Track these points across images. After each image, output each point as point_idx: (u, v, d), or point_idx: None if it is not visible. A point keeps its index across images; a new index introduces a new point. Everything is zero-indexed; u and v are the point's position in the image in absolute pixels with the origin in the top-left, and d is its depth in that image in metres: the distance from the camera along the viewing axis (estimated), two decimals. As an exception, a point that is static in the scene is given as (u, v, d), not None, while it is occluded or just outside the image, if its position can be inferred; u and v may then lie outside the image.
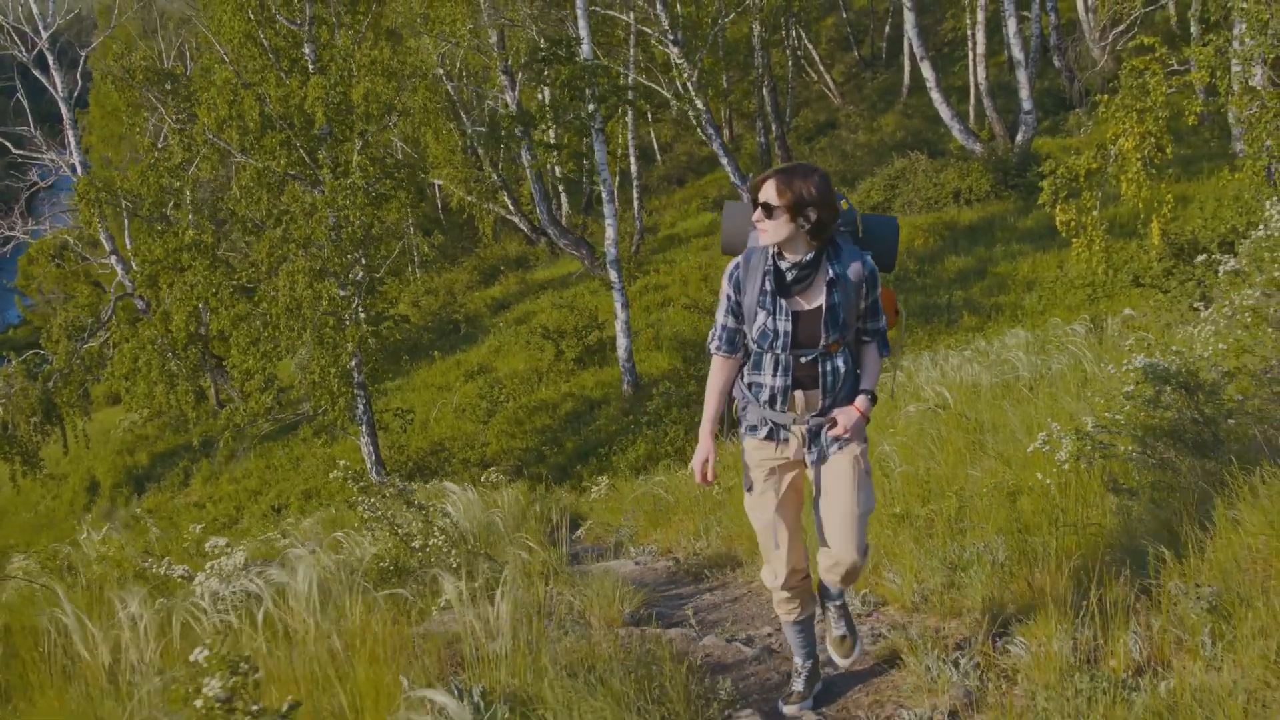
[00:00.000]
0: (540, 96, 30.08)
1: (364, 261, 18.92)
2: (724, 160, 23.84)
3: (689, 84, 23.80)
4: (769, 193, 4.47)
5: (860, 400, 4.73)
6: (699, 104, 23.98)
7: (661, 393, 21.76)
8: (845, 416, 4.67)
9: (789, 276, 4.58)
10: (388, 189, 19.10)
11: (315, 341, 18.12)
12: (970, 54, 34.19)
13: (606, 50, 29.28)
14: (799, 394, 4.68)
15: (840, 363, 4.68)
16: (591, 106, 22.11)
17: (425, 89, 25.34)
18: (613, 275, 22.45)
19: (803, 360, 4.64)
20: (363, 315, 18.96)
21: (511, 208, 33.43)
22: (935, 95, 28.00)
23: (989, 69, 32.84)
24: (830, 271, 4.59)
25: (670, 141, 47.27)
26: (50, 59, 29.79)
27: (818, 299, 4.59)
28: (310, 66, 19.34)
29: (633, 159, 34.68)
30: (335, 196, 17.96)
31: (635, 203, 34.62)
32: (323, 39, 19.81)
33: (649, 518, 10.30)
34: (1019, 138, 27.73)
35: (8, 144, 32.30)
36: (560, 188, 38.73)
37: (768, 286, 4.60)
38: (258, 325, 18.87)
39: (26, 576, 8.60)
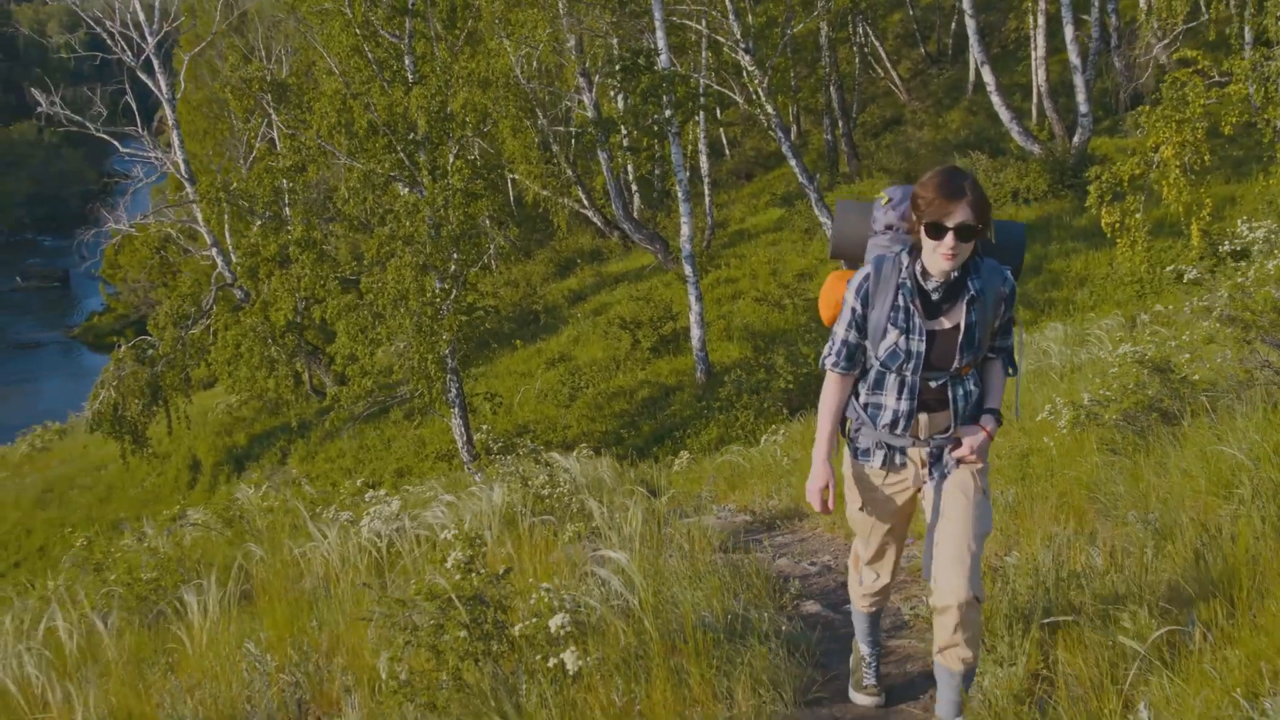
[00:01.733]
0: (616, 100, 31.55)
1: (458, 256, 20.52)
2: (792, 162, 25.22)
3: (760, 90, 25.19)
4: (965, 213, 4.02)
5: (987, 420, 4.41)
6: (769, 108, 25.36)
7: (733, 380, 23.20)
8: (971, 437, 4.36)
9: (934, 295, 4.22)
10: (479, 189, 20.74)
11: (415, 330, 19.75)
12: (1032, 55, 35.13)
13: (680, 52, 30.64)
14: (924, 417, 4.39)
15: (971, 385, 4.36)
16: (668, 113, 23.66)
17: (504, 89, 26.89)
18: (688, 270, 23.98)
19: (932, 384, 4.32)
20: (456, 306, 20.57)
21: (585, 202, 34.86)
22: (995, 98, 29.11)
23: (1050, 69, 33.80)
24: (971, 288, 4.21)
25: (739, 136, 48.17)
26: (155, 63, 31.70)
27: (956, 318, 4.24)
28: (410, 77, 21.00)
29: (703, 155, 35.96)
30: (435, 197, 19.62)
31: (706, 198, 35.88)
32: (419, 51, 21.50)
33: (727, 482, 11.83)
34: (1076, 139, 28.76)
35: (115, 142, 34.24)
36: (633, 183, 40.02)
37: (901, 303, 4.25)
38: (366, 315, 20.54)
39: (207, 525, 10.33)
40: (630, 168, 35.90)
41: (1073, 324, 15.56)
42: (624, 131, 28.06)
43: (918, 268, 4.23)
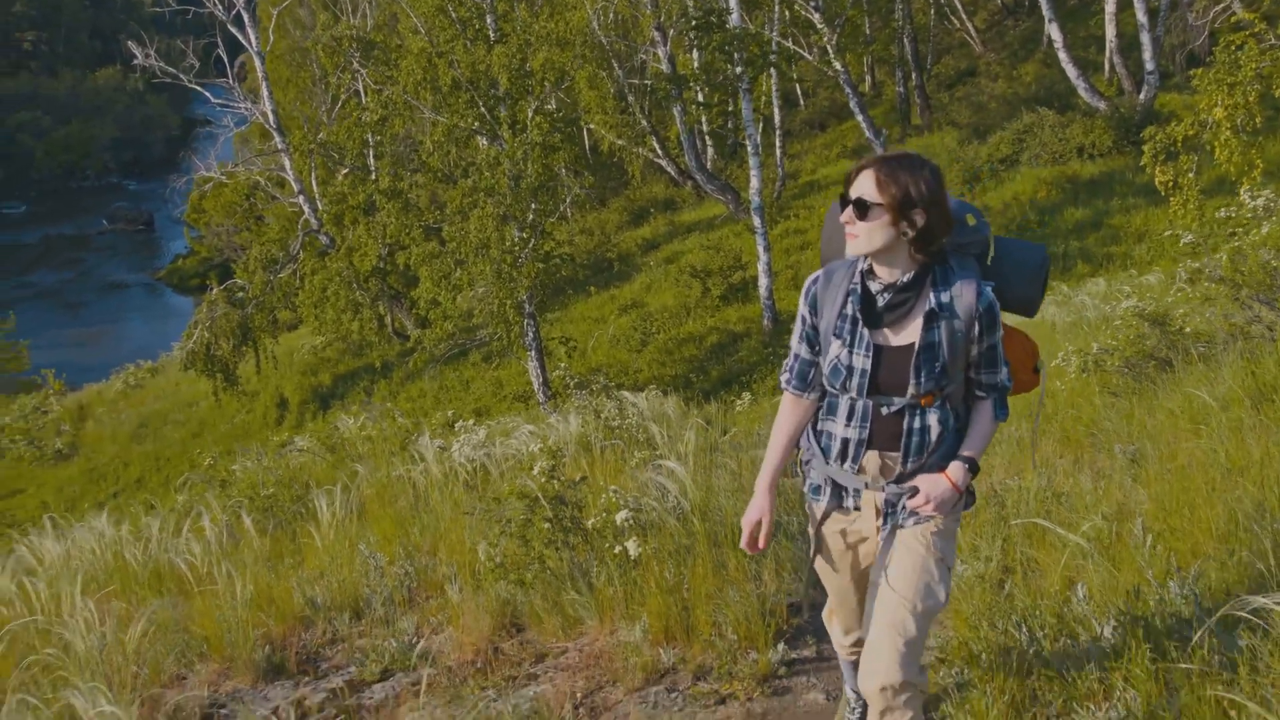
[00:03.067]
0: (691, 54, 32.33)
1: (536, 207, 21.57)
2: (860, 117, 26.00)
3: (829, 46, 25.95)
4: (865, 185, 3.61)
5: (954, 468, 3.76)
6: (838, 65, 26.13)
7: (798, 327, 24.06)
8: (931, 485, 3.74)
9: (880, 301, 3.73)
10: (557, 142, 21.76)
11: (494, 276, 20.85)
12: (1105, 9, 35.37)
13: (755, 6, 31.32)
14: (873, 454, 3.83)
15: (934, 421, 3.76)
16: (739, 69, 24.52)
17: (582, 46, 27.80)
18: (756, 221, 24.91)
19: (884, 411, 3.78)
20: (534, 254, 21.65)
21: (659, 152, 35.61)
22: (1062, 54, 29.55)
23: (1121, 24, 34.04)
24: (932, 300, 3.69)
25: (813, 87, 48.49)
26: (246, 17, 32.86)
27: (909, 334, 3.72)
28: (491, 36, 22.02)
29: (775, 107, 36.50)
30: (514, 150, 20.69)
31: (778, 149, 36.53)
32: (500, 11, 22.50)
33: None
34: (1142, 96, 29.18)
35: (206, 93, 35.52)
36: (707, 134, 40.66)
37: (849, 310, 3.77)
38: (448, 262, 21.70)
39: (312, 450, 11.54)
40: (704, 120, 36.63)
41: (1116, 279, 16.32)
42: (696, 88, 28.91)
43: (864, 265, 3.78)
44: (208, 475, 10.54)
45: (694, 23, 25.81)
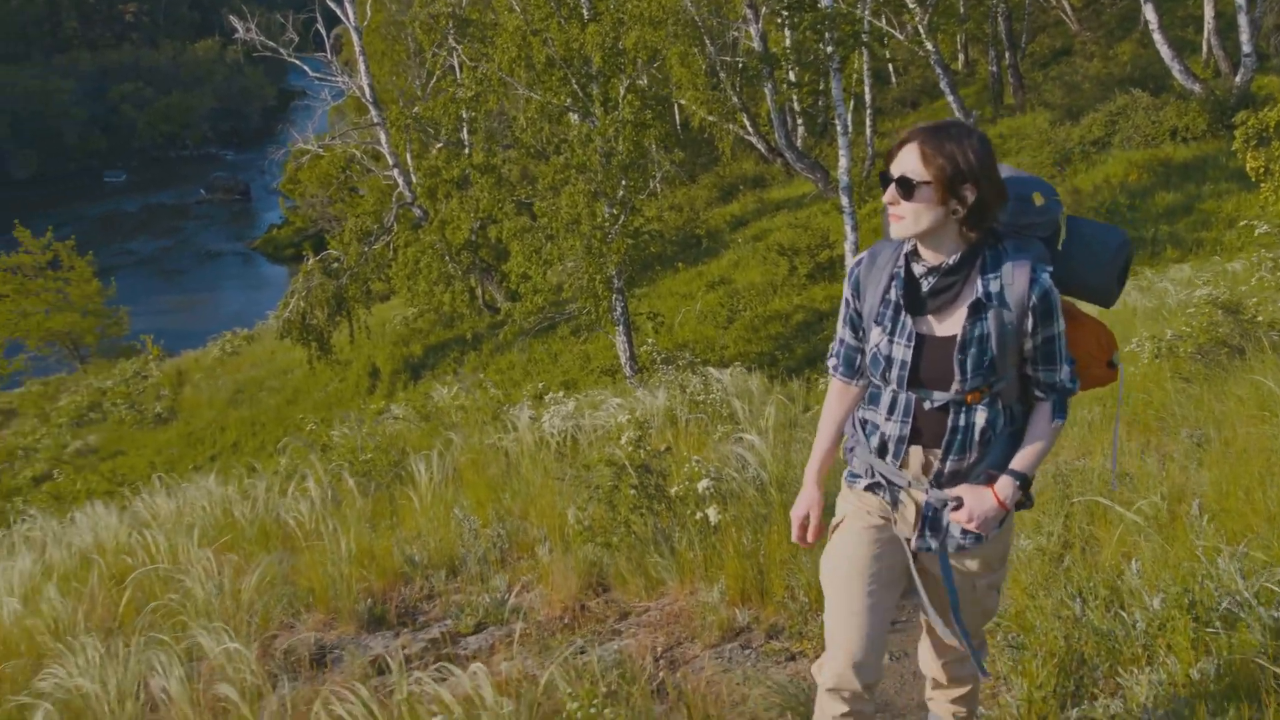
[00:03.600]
0: (784, 31, 32.44)
1: (626, 184, 21.90)
2: (950, 97, 26.03)
3: (921, 26, 26.01)
4: (909, 161, 3.34)
5: (1003, 485, 3.47)
6: (929, 45, 26.16)
7: (884, 307, 24.22)
8: (975, 501, 3.47)
9: (924, 286, 3.47)
10: (648, 119, 22.07)
11: (584, 252, 21.23)
12: (1203, -9, 34.95)
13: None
14: (916, 450, 3.56)
15: (983, 419, 3.47)
16: (830, 49, 24.66)
17: (674, 25, 28.02)
18: (844, 201, 25.04)
19: (926, 406, 3.51)
20: (624, 230, 21.99)
21: (750, 128, 35.76)
22: (1157, 35, 29.29)
23: (1219, 5, 33.62)
24: (979, 287, 3.40)
25: (905, 64, 48.26)
26: (345, -9, 33.49)
27: (953, 325, 3.44)
28: (585, 14, 22.34)
29: (867, 85, 36.50)
30: (606, 128, 21.04)
31: (868, 128, 36.55)
32: (595, -12, 22.87)
33: (866, 399, 13.10)
34: (1238, 79, 28.85)
35: (305, 67, 36.21)
36: (797, 112, 40.72)
37: (892, 295, 3.54)
38: (539, 237, 22.12)
39: (407, 418, 12.00)
40: (795, 98, 36.74)
41: (1203, 265, 16.35)
42: (786, 67, 29.06)
43: (909, 246, 3.52)
44: (309, 439, 11.04)
45: (786, 1, 25.93)
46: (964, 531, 3.57)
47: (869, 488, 3.69)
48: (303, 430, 11.43)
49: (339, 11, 33.28)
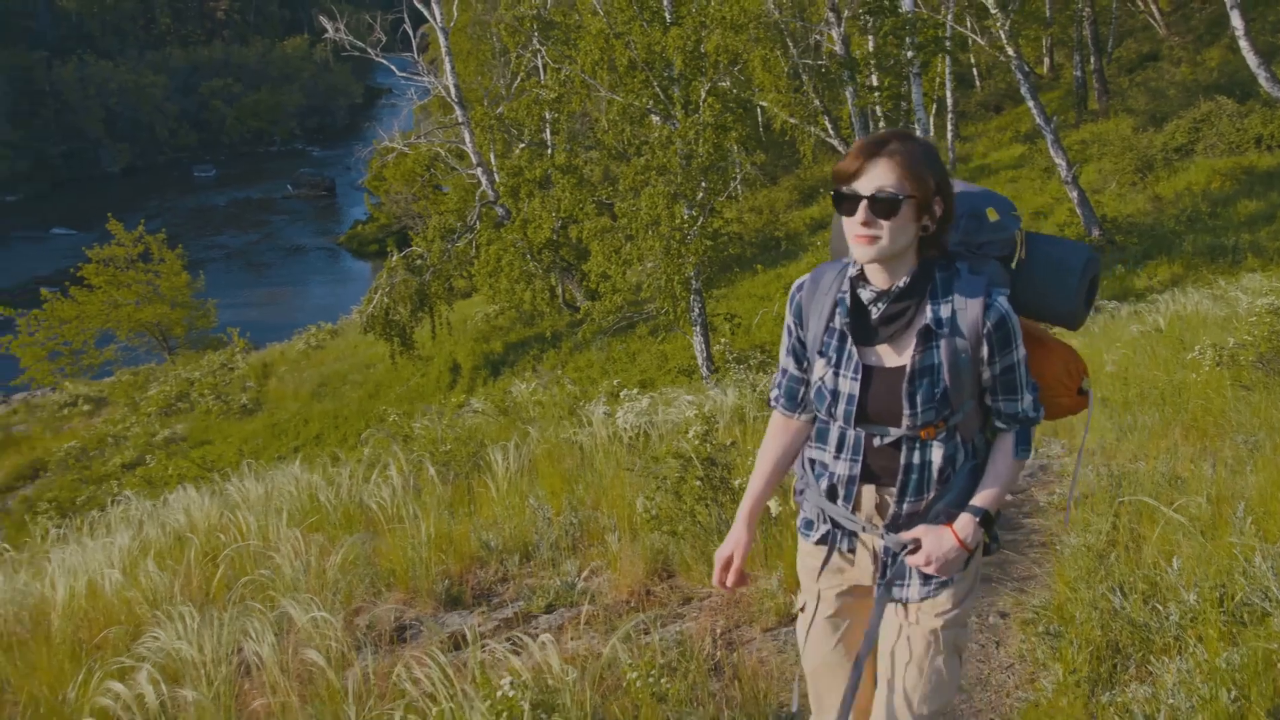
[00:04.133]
0: (867, 34, 32.55)
1: (706, 186, 22.16)
2: (1031, 103, 25.90)
3: (1002, 31, 25.98)
4: (883, 175, 3.07)
5: (962, 522, 3.26)
6: (1010, 50, 26.14)
7: (959, 311, 24.27)
8: (934, 542, 3.25)
9: (874, 312, 3.22)
10: (728, 122, 22.32)
11: (663, 252, 21.52)
12: (1292, -4, 34.62)
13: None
14: (869, 490, 3.34)
15: (939, 456, 3.26)
16: (910, 54, 24.80)
17: (755, 29, 28.24)
18: (922, 204, 25.11)
19: (877, 442, 3.28)
20: (703, 232, 22.26)
21: (831, 131, 35.89)
22: (1243, 43, 28.96)
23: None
24: (929, 313, 3.18)
25: (990, 67, 48.01)
26: (432, -7, 34.05)
27: (904, 354, 3.22)
28: (668, 18, 22.65)
29: (949, 89, 36.55)
30: (687, 130, 21.32)
31: (949, 132, 36.59)
32: (677, -7, 23.18)
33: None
34: (1327, 87, 28.54)
35: (392, 66, 36.84)
36: (879, 115, 40.73)
37: (836, 323, 3.29)
38: (619, 237, 22.46)
39: (485, 412, 12.37)
40: (878, 108, 36.78)
41: (1272, 275, 16.35)
42: (867, 71, 29.17)
43: (854, 270, 3.26)
44: (391, 430, 11.43)
45: (865, 7, 26.08)
46: (925, 578, 3.36)
47: (822, 539, 3.48)
48: (385, 422, 11.85)
49: (426, 12, 33.79)
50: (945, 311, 3.15)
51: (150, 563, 7.15)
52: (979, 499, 3.28)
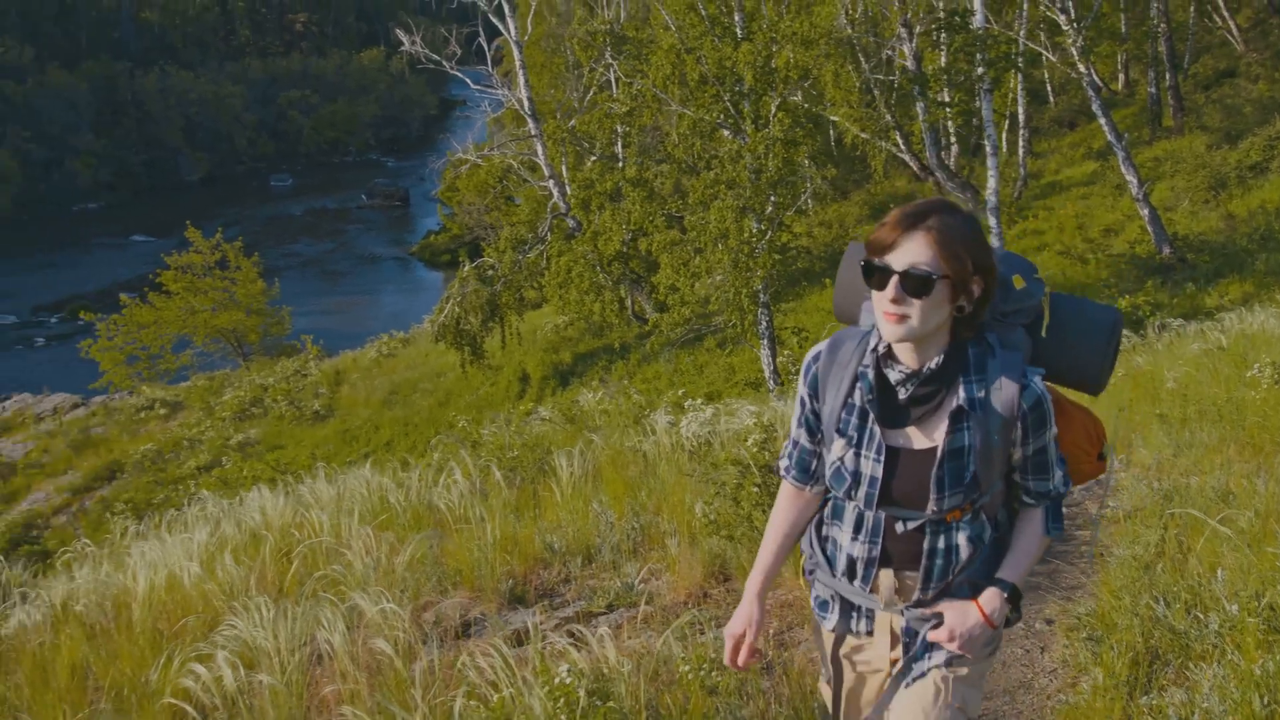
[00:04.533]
0: (939, 50, 32.56)
1: (775, 200, 22.34)
2: (1102, 120, 25.84)
3: (1073, 49, 25.95)
4: (918, 251, 2.89)
5: (989, 597, 3.10)
6: (1081, 67, 26.09)
7: (1025, 326, 24.24)
8: (958, 618, 3.08)
9: (901, 393, 3.03)
10: (798, 137, 22.49)
11: (732, 266, 21.71)
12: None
13: (998, 9, 31.34)
14: (887, 573, 3.17)
15: (964, 539, 3.10)
16: (980, 70, 24.81)
17: (826, 45, 28.37)
18: (991, 221, 25.14)
19: (899, 528, 3.11)
20: (771, 245, 22.43)
21: (902, 146, 35.84)
22: (1320, 61, 28.85)
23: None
24: (962, 394, 3.00)
25: (1063, 83, 47.57)
26: (506, 8, 34.39)
27: (933, 436, 3.04)
28: (739, 33, 22.88)
29: (1021, 105, 36.40)
30: (756, 145, 21.52)
31: (1021, 149, 36.44)
32: (748, 9, 23.37)
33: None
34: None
35: (466, 79, 37.28)
36: (951, 131, 40.55)
37: (856, 399, 3.10)
38: (688, 250, 22.68)
39: (553, 420, 12.62)
40: (950, 124, 36.76)
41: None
42: (939, 88, 29.21)
43: (882, 347, 3.06)
44: (460, 436, 11.71)
45: (936, 25, 26.14)
46: (927, 649, 3.18)
47: (840, 623, 3.29)
48: (454, 429, 12.14)
49: (501, 25, 34.18)
50: (979, 392, 2.99)
51: (227, 557, 7.46)
52: (1006, 572, 3.13)
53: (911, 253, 2.87)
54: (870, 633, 3.25)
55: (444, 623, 6.27)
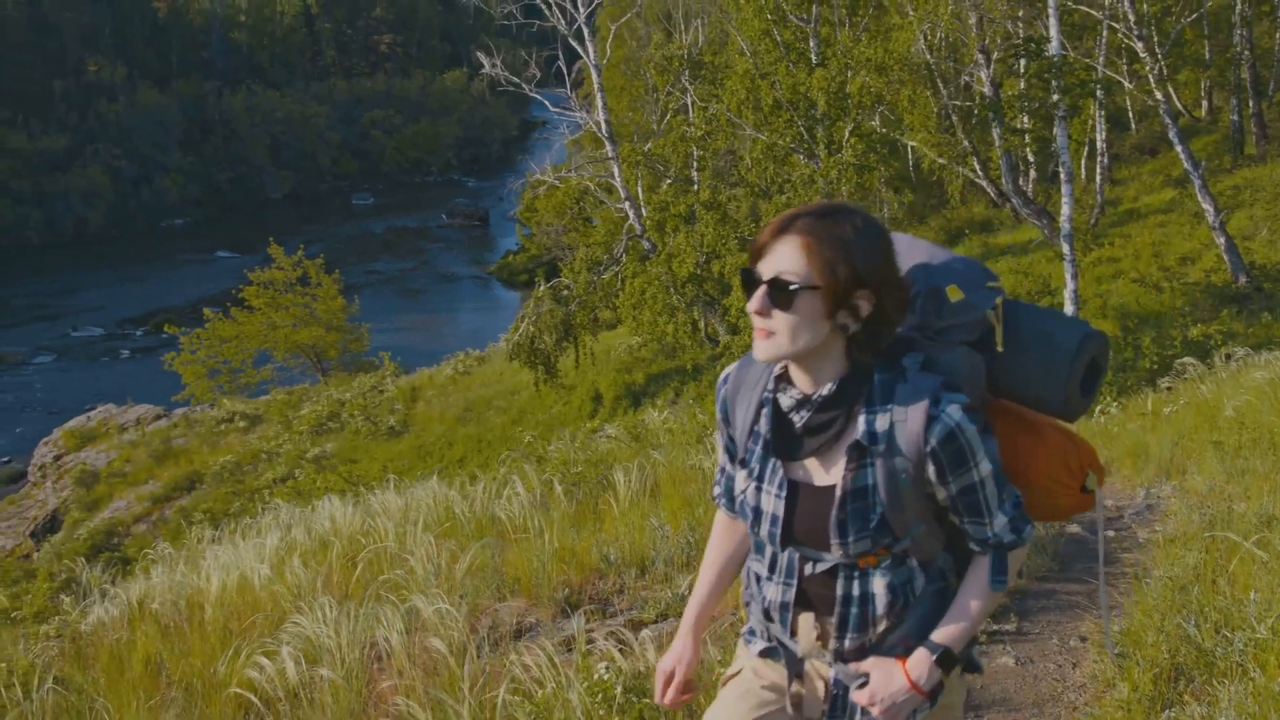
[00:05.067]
0: (1016, 79, 32.55)
1: (847, 225, 22.41)
2: (1179, 147, 25.71)
3: (1150, 76, 25.89)
4: (786, 257, 2.53)
5: (916, 661, 2.68)
6: (1158, 94, 26.01)
7: (1099, 356, 24.19)
8: (882, 680, 2.68)
9: (796, 420, 2.66)
10: (871, 163, 22.66)
11: (801, 289, 21.82)
12: None
13: (1076, 36, 31.24)
14: (806, 618, 2.79)
15: (880, 586, 2.69)
16: (1055, 97, 24.80)
17: (901, 70, 28.49)
18: (1065, 249, 25.07)
19: (808, 570, 2.74)
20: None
21: (980, 172, 35.72)
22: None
23: None
24: (861, 425, 2.59)
25: (1144, 110, 47.17)
26: (586, 32, 34.79)
27: (833, 471, 2.66)
28: (813, 59, 23.10)
29: (1100, 132, 36.21)
30: (829, 169, 21.70)
31: (1099, 176, 36.25)
32: (823, 36, 23.58)
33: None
34: None
35: (545, 101, 37.74)
36: (1030, 156, 40.34)
37: (760, 428, 2.75)
38: (760, 273, 22.87)
39: (618, 438, 12.88)
40: (1027, 145, 36.66)
41: None
42: (1015, 115, 29.22)
43: (778, 368, 2.73)
44: (526, 451, 12.00)
45: (1012, 51, 26.19)
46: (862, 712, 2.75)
47: (765, 652, 2.90)
48: (522, 444, 12.45)
49: (580, 49, 34.57)
50: (882, 424, 2.58)
51: (296, 561, 7.77)
52: (939, 634, 2.68)
53: (777, 259, 2.54)
54: (799, 675, 2.84)
55: (499, 627, 6.51)
